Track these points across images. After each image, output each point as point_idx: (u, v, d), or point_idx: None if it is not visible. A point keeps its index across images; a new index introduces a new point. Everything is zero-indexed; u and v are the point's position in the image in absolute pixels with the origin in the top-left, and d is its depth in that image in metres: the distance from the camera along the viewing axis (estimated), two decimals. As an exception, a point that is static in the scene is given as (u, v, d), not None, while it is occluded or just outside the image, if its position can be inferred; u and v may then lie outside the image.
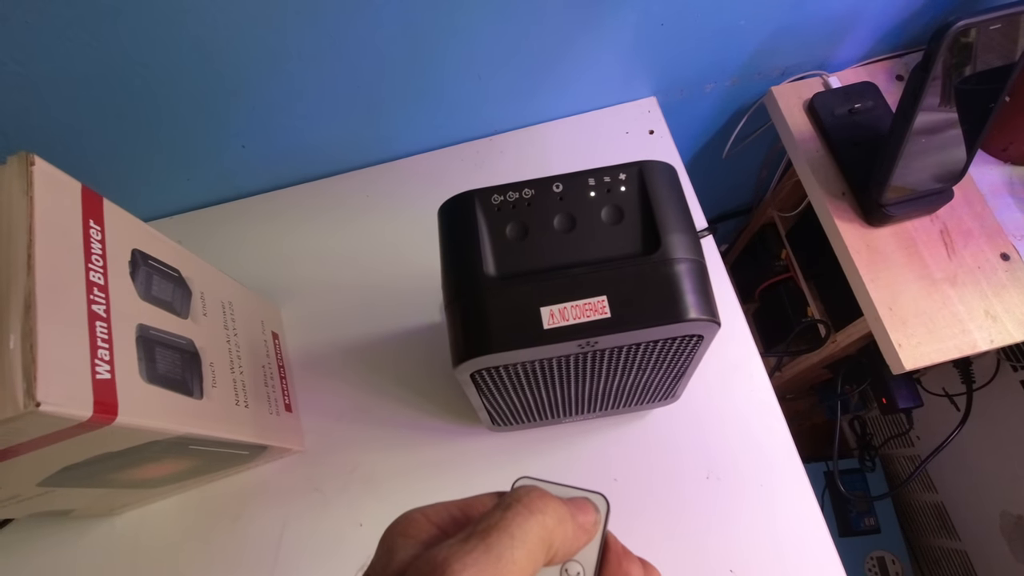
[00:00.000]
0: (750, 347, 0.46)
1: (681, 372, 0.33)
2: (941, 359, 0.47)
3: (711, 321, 0.26)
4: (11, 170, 0.25)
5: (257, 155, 0.50)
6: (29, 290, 0.24)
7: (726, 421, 0.44)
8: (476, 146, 0.54)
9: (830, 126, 0.54)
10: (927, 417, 0.80)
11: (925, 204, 0.49)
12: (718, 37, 0.50)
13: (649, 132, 0.54)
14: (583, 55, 0.48)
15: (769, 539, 0.41)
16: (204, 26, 0.38)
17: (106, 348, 0.27)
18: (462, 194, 0.28)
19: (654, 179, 0.27)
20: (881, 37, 0.56)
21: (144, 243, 0.32)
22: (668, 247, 0.26)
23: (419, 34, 0.43)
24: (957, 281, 0.49)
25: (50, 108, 0.40)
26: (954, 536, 0.84)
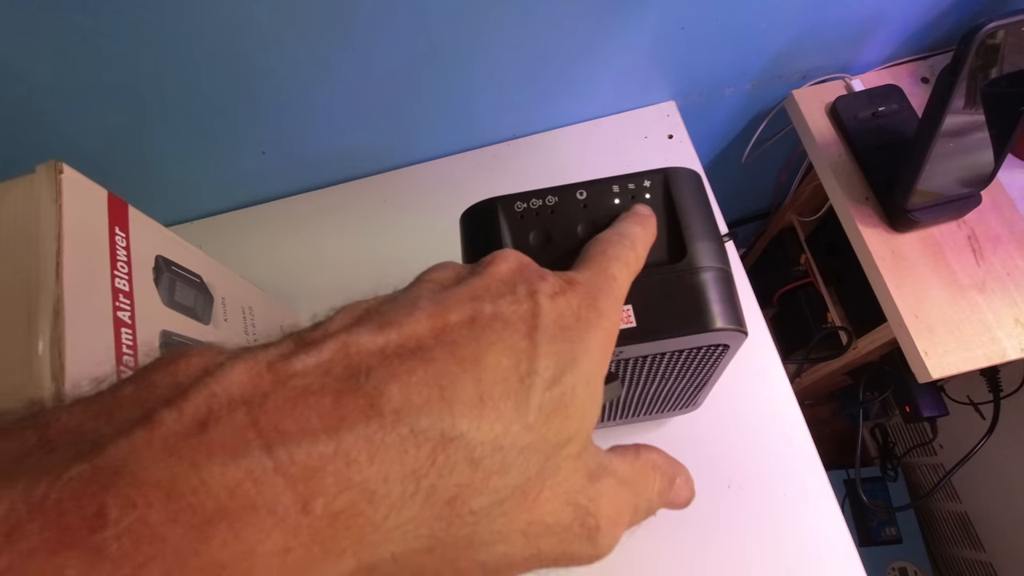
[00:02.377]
0: (771, 354, 0.45)
1: (704, 381, 0.33)
2: (969, 368, 0.46)
3: (738, 331, 0.25)
4: (40, 178, 0.25)
5: (276, 161, 0.50)
6: (57, 297, 0.24)
7: (747, 429, 0.43)
8: (494, 150, 0.54)
9: (853, 130, 0.53)
10: (951, 425, 0.78)
11: (952, 209, 0.48)
12: (739, 40, 0.50)
13: (668, 137, 0.53)
14: (602, 60, 0.48)
15: (792, 550, 0.40)
16: (226, 34, 0.38)
17: (131, 355, 0.27)
18: (484, 201, 0.28)
19: (679, 186, 0.27)
20: (905, 39, 0.55)
21: (167, 249, 0.32)
22: (694, 256, 0.25)
23: (438, 40, 0.42)
24: (986, 288, 0.47)
25: (75, 115, 0.41)
26: (979, 547, 0.82)
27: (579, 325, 0.16)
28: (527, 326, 0.15)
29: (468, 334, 0.14)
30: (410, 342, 0.14)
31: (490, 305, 0.15)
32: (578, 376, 0.15)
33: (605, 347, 0.17)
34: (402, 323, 0.14)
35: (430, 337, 0.14)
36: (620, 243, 0.21)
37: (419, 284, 0.17)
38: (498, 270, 0.17)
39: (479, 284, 0.16)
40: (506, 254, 0.18)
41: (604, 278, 0.19)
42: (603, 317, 0.17)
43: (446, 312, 0.15)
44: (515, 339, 0.15)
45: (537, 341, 0.15)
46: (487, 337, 0.14)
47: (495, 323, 0.15)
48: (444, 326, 0.14)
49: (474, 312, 0.15)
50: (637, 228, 0.23)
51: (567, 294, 0.17)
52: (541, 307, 0.16)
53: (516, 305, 0.15)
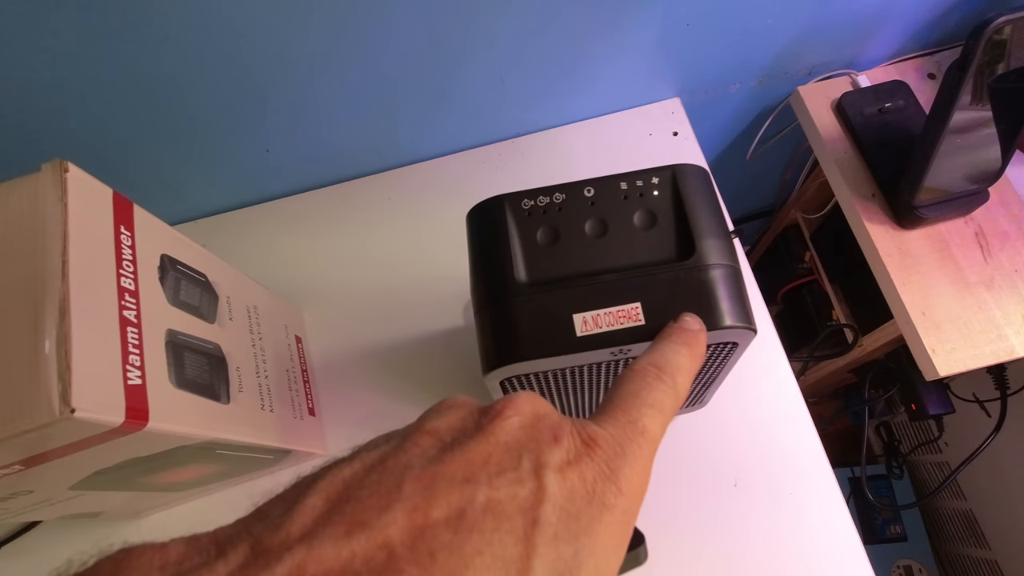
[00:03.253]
0: (778, 352, 0.45)
1: (712, 379, 0.33)
2: (977, 365, 0.45)
3: (747, 328, 0.25)
4: (46, 177, 0.25)
5: (280, 159, 0.50)
6: (63, 296, 0.24)
7: (754, 428, 0.43)
8: (498, 148, 0.54)
9: (859, 126, 0.53)
10: (956, 423, 0.78)
11: (959, 206, 0.48)
12: (745, 37, 0.50)
13: (673, 134, 0.53)
14: (607, 56, 0.48)
15: (798, 548, 0.40)
16: (229, 32, 0.38)
17: (137, 354, 0.27)
18: (491, 199, 0.27)
19: (687, 183, 0.27)
20: (911, 35, 0.55)
21: (172, 248, 0.32)
22: (703, 252, 0.25)
23: (442, 37, 0.42)
24: (993, 285, 0.47)
25: (78, 114, 0.41)
26: (984, 545, 0.82)
27: (590, 511, 0.14)
28: (525, 521, 0.13)
29: (451, 541, 0.12)
30: (380, 555, 0.12)
31: (485, 490, 0.13)
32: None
33: (621, 533, 0.15)
34: (374, 524, 0.12)
35: (404, 546, 0.12)
36: (658, 382, 0.18)
37: (417, 437, 0.15)
38: (506, 428, 0.15)
39: (478, 452, 0.14)
40: (519, 403, 0.16)
41: (631, 435, 0.16)
42: (622, 495, 0.15)
43: (429, 503, 0.13)
44: (507, 544, 0.13)
45: (534, 545, 0.13)
46: (472, 546, 0.12)
47: (486, 520, 0.13)
48: (424, 527, 0.12)
49: (463, 503, 0.13)
50: (683, 355, 0.20)
51: (582, 464, 0.15)
52: (547, 491, 0.14)
53: (517, 487, 0.14)
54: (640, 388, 0.18)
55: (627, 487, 0.15)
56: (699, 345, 0.21)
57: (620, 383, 0.19)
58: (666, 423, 0.18)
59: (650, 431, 0.17)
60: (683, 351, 0.20)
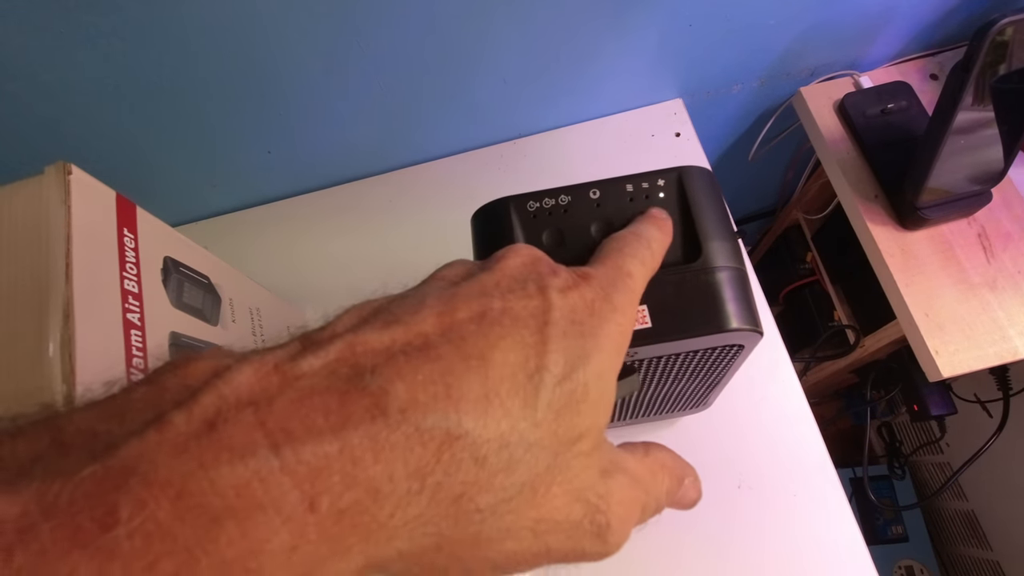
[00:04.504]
0: (781, 353, 0.45)
1: (717, 381, 0.33)
2: (980, 366, 0.45)
3: (754, 331, 0.25)
4: (49, 180, 0.25)
5: (282, 161, 0.50)
6: (67, 299, 0.24)
7: (757, 429, 0.43)
8: (501, 149, 0.54)
9: (862, 127, 0.53)
10: (958, 423, 0.78)
11: (962, 207, 0.48)
12: (747, 37, 0.50)
13: (675, 135, 0.53)
14: (609, 58, 0.48)
15: (802, 550, 0.40)
16: (232, 33, 0.38)
17: (140, 356, 0.27)
18: (496, 201, 0.27)
19: (693, 185, 0.26)
20: (914, 35, 0.55)
21: (175, 250, 0.32)
22: (709, 255, 0.25)
23: (445, 39, 0.42)
24: (996, 286, 0.47)
25: (81, 116, 0.41)
26: (985, 546, 0.82)
27: (592, 320, 0.16)
28: (537, 321, 0.15)
29: (476, 330, 0.14)
30: (416, 340, 0.14)
31: (499, 300, 0.15)
32: (590, 372, 0.15)
33: (619, 342, 0.17)
34: (408, 321, 0.14)
35: (437, 334, 0.14)
36: (636, 241, 0.21)
37: (429, 281, 0.17)
38: (509, 264, 0.17)
39: (489, 279, 0.16)
40: (518, 248, 0.18)
41: (619, 274, 0.19)
42: (617, 311, 0.17)
43: (453, 309, 0.14)
44: (524, 334, 0.14)
45: (547, 336, 0.15)
46: (495, 333, 0.14)
47: (504, 318, 0.15)
48: (451, 323, 0.14)
49: (482, 308, 0.15)
50: (653, 229, 0.23)
51: (580, 288, 0.17)
52: (552, 302, 0.15)
53: (526, 300, 0.15)
54: (623, 245, 0.21)
55: (620, 307, 0.17)
56: (667, 226, 0.24)
57: (604, 244, 0.21)
58: (646, 276, 0.20)
59: (634, 275, 0.19)
60: (653, 228, 0.23)
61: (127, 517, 0.10)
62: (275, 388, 0.12)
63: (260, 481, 0.11)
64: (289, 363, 0.13)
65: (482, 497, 0.13)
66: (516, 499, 0.14)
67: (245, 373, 0.12)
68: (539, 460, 0.14)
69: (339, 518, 0.11)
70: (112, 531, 0.09)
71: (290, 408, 0.12)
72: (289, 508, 0.11)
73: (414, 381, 0.13)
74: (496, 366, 0.14)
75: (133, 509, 0.10)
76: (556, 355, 0.14)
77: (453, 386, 0.13)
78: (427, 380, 0.13)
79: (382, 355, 0.13)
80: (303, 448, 0.11)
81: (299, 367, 0.12)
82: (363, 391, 0.12)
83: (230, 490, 0.10)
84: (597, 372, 0.15)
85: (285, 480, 0.11)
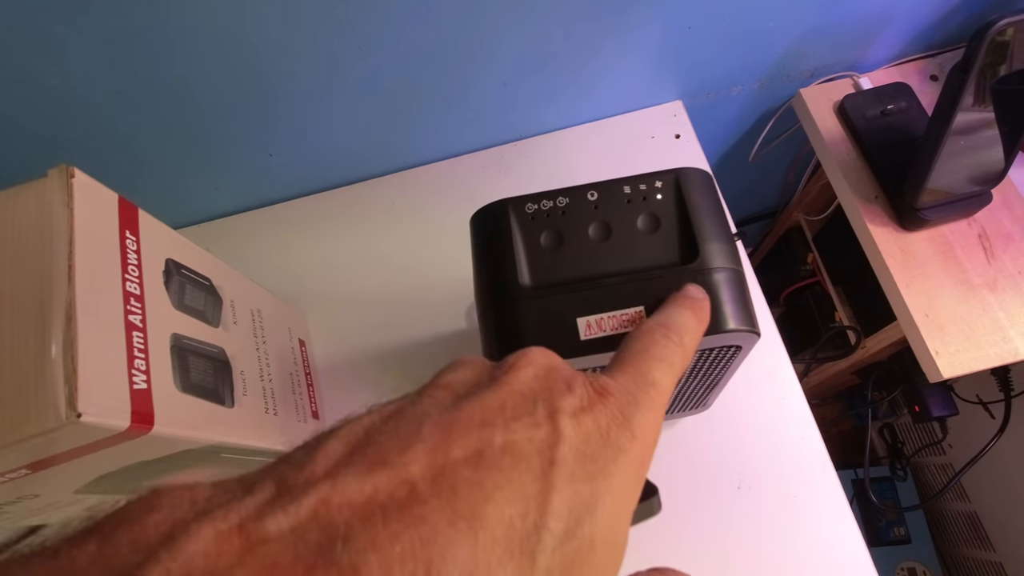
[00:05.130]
0: (781, 354, 0.45)
1: (715, 382, 0.33)
2: (981, 367, 0.45)
3: (751, 332, 0.25)
4: (52, 182, 0.26)
5: (283, 163, 0.50)
6: (70, 301, 0.24)
7: (757, 430, 0.43)
8: (501, 151, 0.54)
9: (862, 128, 0.53)
10: (960, 425, 0.78)
11: (962, 207, 0.48)
12: (746, 39, 0.50)
13: (675, 136, 0.53)
14: (609, 60, 0.48)
15: (802, 551, 0.40)
16: (232, 36, 0.38)
17: (142, 358, 0.27)
18: (495, 203, 0.27)
19: (691, 187, 0.27)
20: (914, 37, 0.55)
21: (177, 252, 0.33)
22: (706, 256, 0.25)
23: (445, 41, 0.42)
24: (997, 287, 0.47)
25: (84, 119, 0.41)
26: (988, 547, 0.82)
27: (605, 453, 0.14)
28: (542, 460, 0.13)
29: (470, 477, 0.13)
30: (401, 490, 0.12)
31: (502, 432, 0.14)
32: (598, 524, 0.13)
33: (636, 477, 0.15)
34: (395, 463, 0.13)
35: (426, 482, 0.12)
36: (665, 340, 0.19)
37: (432, 391, 0.16)
38: (520, 378, 0.15)
39: (494, 400, 0.15)
40: (532, 356, 0.16)
41: (642, 385, 0.17)
42: (636, 440, 0.15)
43: (449, 444, 0.13)
44: (525, 481, 0.13)
45: (552, 482, 0.13)
46: (491, 481, 0.13)
47: (504, 459, 0.13)
48: (444, 465, 0.13)
49: (482, 444, 0.13)
50: (688, 318, 0.21)
51: (595, 410, 0.15)
52: (562, 434, 0.14)
53: (534, 430, 0.14)
54: (649, 345, 0.19)
55: (640, 433, 0.15)
56: (704, 311, 0.22)
57: (628, 341, 0.19)
58: (675, 379, 0.18)
59: (660, 383, 0.17)
60: (688, 314, 0.21)
61: None
62: (234, 556, 0.11)
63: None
64: (255, 522, 0.11)
65: None
66: None
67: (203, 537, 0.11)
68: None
69: None
70: None
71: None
72: None
73: (391, 555, 0.11)
74: (488, 527, 0.12)
75: None
76: (560, 507, 0.13)
77: (435, 561, 0.11)
78: (406, 555, 0.11)
79: (360, 513, 0.12)
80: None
81: (265, 528, 0.11)
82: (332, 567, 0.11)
83: None
84: (606, 522, 0.14)
85: None
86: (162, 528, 0.11)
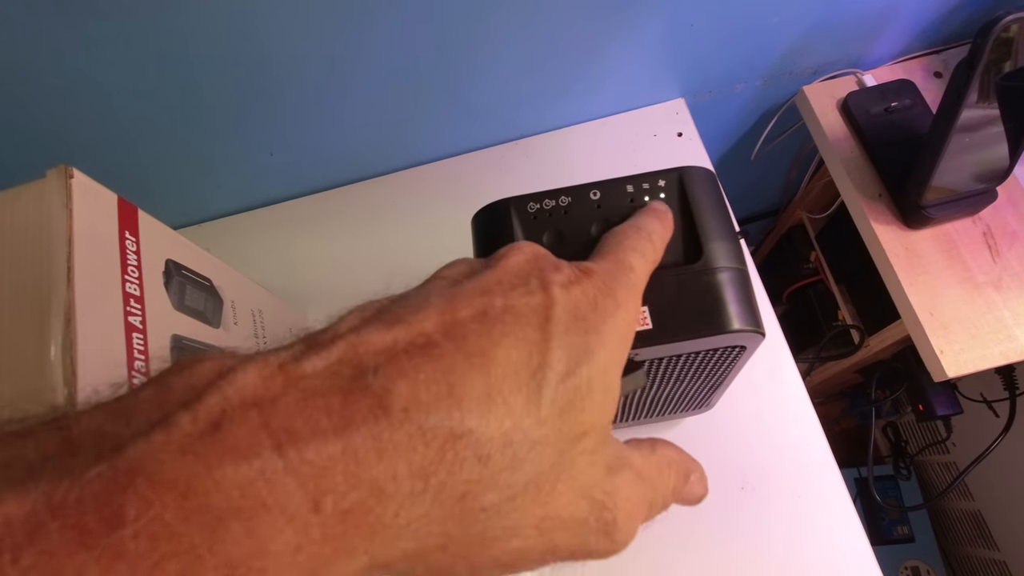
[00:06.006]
0: (784, 354, 0.45)
1: (719, 382, 0.32)
2: (986, 366, 0.45)
3: (755, 332, 0.25)
4: (50, 183, 0.25)
5: (284, 163, 0.50)
6: (69, 302, 0.24)
7: (760, 430, 0.43)
8: (502, 150, 0.54)
9: (865, 126, 0.52)
10: (964, 423, 0.78)
11: (967, 205, 0.48)
12: (749, 36, 0.49)
13: (678, 134, 0.53)
14: (611, 57, 0.48)
15: (806, 551, 0.39)
16: (233, 35, 0.38)
17: (142, 359, 0.27)
18: (497, 202, 0.27)
19: (694, 186, 0.26)
20: (918, 33, 0.55)
21: (177, 253, 0.32)
22: (710, 256, 0.25)
23: (446, 39, 0.42)
24: (1002, 285, 0.47)
25: (83, 119, 0.41)
26: (992, 546, 0.81)
27: (595, 315, 0.16)
28: (540, 318, 0.15)
29: (478, 328, 0.14)
30: (419, 339, 0.13)
31: (501, 298, 0.15)
32: (594, 368, 0.15)
33: (623, 337, 0.17)
34: (411, 320, 0.14)
35: (439, 333, 0.14)
36: (636, 234, 0.21)
37: (432, 280, 0.17)
38: (511, 262, 0.17)
39: (491, 277, 0.16)
40: (520, 245, 0.18)
41: (621, 268, 0.19)
42: (620, 307, 0.17)
43: (456, 307, 0.14)
44: (527, 331, 0.14)
45: (550, 333, 0.15)
46: (498, 330, 0.14)
47: (506, 316, 0.15)
48: (453, 321, 0.14)
49: (485, 306, 0.15)
50: (654, 221, 0.23)
51: (582, 283, 0.16)
52: (555, 298, 0.15)
53: (529, 296, 0.15)
54: (623, 239, 0.21)
55: (623, 303, 0.17)
56: (668, 219, 0.24)
57: (605, 237, 0.21)
58: (648, 270, 0.20)
59: (636, 268, 0.19)
60: (654, 221, 0.23)
61: (133, 517, 0.10)
62: (279, 388, 0.12)
63: (264, 481, 0.11)
64: (292, 364, 0.13)
65: (486, 496, 0.13)
66: (521, 497, 0.14)
67: (250, 374, 0.12)
68: (543, 458, 0.14)
69: (343, 518, 0.11)
70: (118, 531, 0.10)
71: (294, 409, 0.12)
72: (293, 508, 0.11)
73: (416, 380, 0.13)
74: (499, 364, 0.14)
75: (139, 509, 0.10)
76: (559, 352, 0.14)
77: (456, 385, 0.13)
78: (429, 379, 0.13)
79: (384, 354, 0.13)
80: (306, 448, 0.11)
81: (302, 367, 0.13)
82: (366, 391, 0.12)
83: (235, 490, 0.10)
84: (601, 368, 0.15)
85: (289, 480, 0.11)
86: (211, 373, 0.12)
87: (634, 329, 0.18)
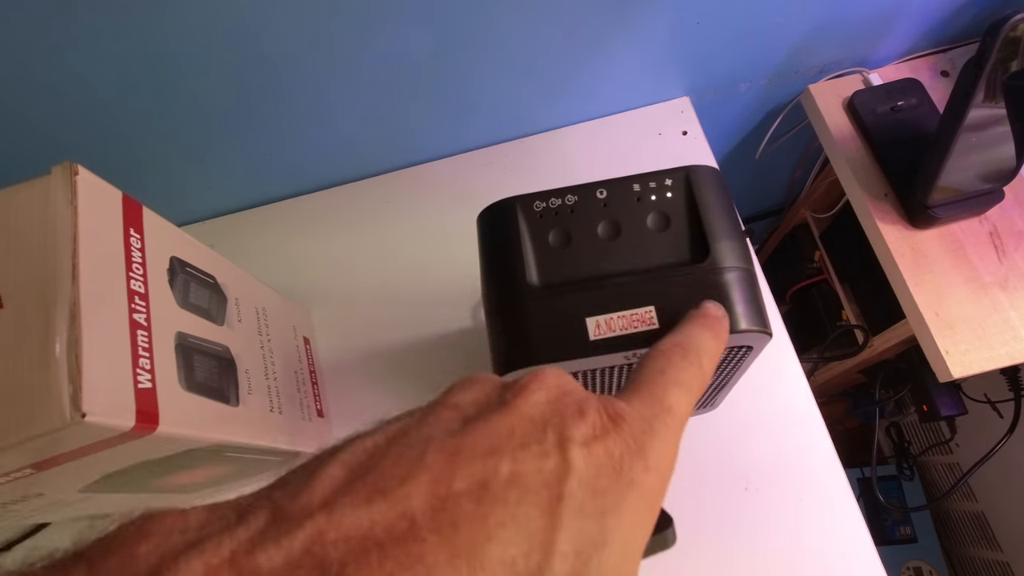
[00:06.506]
0: (789, 353, 0.45)
1: (724, 382, 0.32)
2: (992, 367, 0.45)
3: (763, 332, 0.25)
4: (55, 180, 0.25)
5: (284, 161, 0.50)
6: (74, 299, 0.24)
7: (764, 430, 0.43)
8: (506, 149, 0.54)
9: (871, 125, 0.52)
10: (968, 424, 0.77)
11: (974, 205, 0.48)
12: (755, 35, 0.49)
13: (683, 133, 0.53)
14: (616, 56, 0.48)
15: (810, 552, 0.39)
16: (233, 34, 0.38)
17: (147, 357, 0.27)
18: (503, 200, 0.27)
19: (701, 185, 0.26)
20: (924, 32, 0.54)
21: (181, 250, 0.32)
22: (717, 255, 0.25)
23: (448, 38, 0.42)
24: (1008, 285, 0.47)
25: (87, 116, 0.41)
26: (995, 547, 0.81)
27: (618, 486, 0.14)
28: (550, 494, 0.13)
29: (472, 512, 0.12)
30: (400, 523, 0.12)
31: (509, 462, 0.13)
32: (605, 564, 0.13)
33: (649, 511, 0.14)
34: (396, 493, 0.12)
35: (426, 515, 0.12)
36: (683, 361, 0.18)
37: (440, 410, 0.15)
38: (530, 402, 0.15)
39: (503, 425, 0.14)
40: (544, 377, 0.16)
41: (659, 411, 0.16)
42: (650, 471, 0.14)
43: (453, 473, 0.13)
44: (531, 517, 0.12)
45: (559, 519, 0.12)
46: (495, 517, 0.12)
47: (510, 492, 0.13)
48: (446, 496, 0.12)
49: (487, 475, 0.13)
50: (707, 338, 0.20)
51: (608, 439, 0.14)
52: (572, 465, 0.13)
53: (542, 460, 0.13)
54: (665, 366, 0.18)
55: (655, 463, 0.15)
56: (723, 330, 0.21)
57: (645, 362, 0.18)
58: (692, 403, 0.17)
59: (677, 409, 0.16)
60: (707, 334, 0.20)
61: None
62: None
63: None
64: (246, 556, 0.11)
65: None
66: None
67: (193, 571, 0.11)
68: None
69: None
70: None
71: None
72: None
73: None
74: (489, 567, 0.11)
75: None
76: (566, 546, 0.12)
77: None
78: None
79: (355, 549, 0.11)
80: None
81: (257, 562, 0.11)
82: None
83: None
84: (615, 562, 0.13)
85: None
86: (151, 559, 0.11)
87: (663, 495, 0.15)
